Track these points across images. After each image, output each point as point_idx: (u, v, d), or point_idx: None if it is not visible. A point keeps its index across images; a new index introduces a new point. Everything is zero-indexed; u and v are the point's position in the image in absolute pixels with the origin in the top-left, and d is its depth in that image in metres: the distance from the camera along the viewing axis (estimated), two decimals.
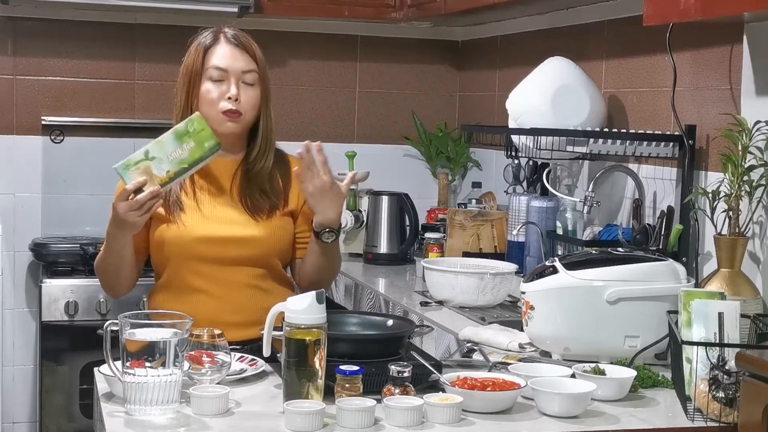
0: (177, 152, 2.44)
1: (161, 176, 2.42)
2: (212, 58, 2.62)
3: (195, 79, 2.62)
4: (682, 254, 2.84)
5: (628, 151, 2.96)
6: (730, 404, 2.02)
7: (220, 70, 2.61)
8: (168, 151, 2.43)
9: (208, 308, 2.57)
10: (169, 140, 2.44)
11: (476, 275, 3.15)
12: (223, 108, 2.60)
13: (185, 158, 2.44)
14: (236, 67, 2.62)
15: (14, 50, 4.29)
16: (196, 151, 2.45)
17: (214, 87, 2.61)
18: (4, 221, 4.20)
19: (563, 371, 2.24)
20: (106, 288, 2.73)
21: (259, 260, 2.64)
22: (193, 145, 2.45)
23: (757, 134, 2.53)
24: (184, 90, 2.62)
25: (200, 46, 2.64)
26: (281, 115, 4.51)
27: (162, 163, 2.42)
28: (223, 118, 2.60)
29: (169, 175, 2.43)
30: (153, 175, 2.41)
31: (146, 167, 2.41)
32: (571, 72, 3.33)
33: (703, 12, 2.34)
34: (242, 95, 2.61)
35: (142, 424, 1.99)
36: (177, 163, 2.43)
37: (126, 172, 2.41)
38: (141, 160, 2.42)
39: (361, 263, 4.12)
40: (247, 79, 2.63)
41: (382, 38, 4.65)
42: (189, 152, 2.44)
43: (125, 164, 2.42)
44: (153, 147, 2.43)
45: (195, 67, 2.62)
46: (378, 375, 2.09)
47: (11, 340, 4.31)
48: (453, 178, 4.58)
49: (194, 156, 2.45)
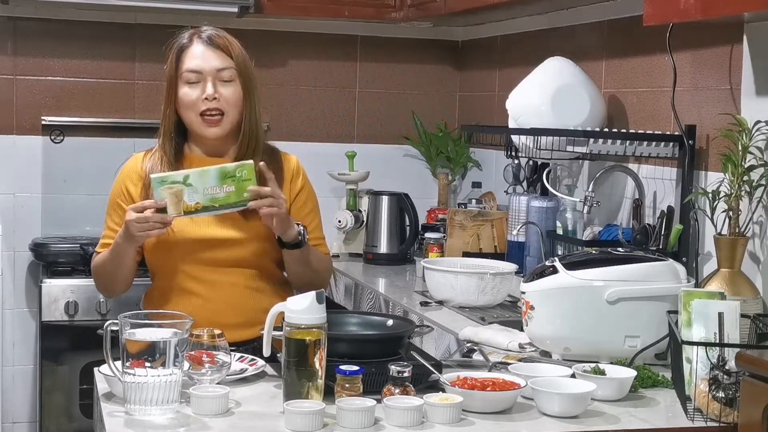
0: (215, 190, 2.43)
1: (189, 204, 2.42)
2: (186, 60, 2.60)
3: (172, 83, 2.60)
4: (682, 254, 2.84)
5: (628, 151, 2.96)
6: (730, 404, 2.02)
7: (194, 73, 2.59)
8: (206, 185, 2.42)
9: (202, 310, 2.55)
10: (213, 175, 2.43)
11: (476, 275, 3.15)
12: (200, 109, 2.58)
13: (219, 198, 2.43)
14: (210, 66, 2.59)
15: (14, 50, 4.29)
16: (232, 197, 2.44)
17: (191, 90, 2.59)
18: (4, 221, 4.20)
19: (563, 371, 2.24)
20: (101, 289, 2.74)
21: (251, 261, 2.63)
22: (233, 190, 2.43)
23: (757, 134, 2.53)
24: (165, 95, 2.62)
25: (174, 51, 2.62)
26: (281, 115, 4.52)
27: (195, 194, 2.42)
28: (203, 123, 2.59)
29: (196, 207, 2.43)
30: (182, 200, 2.41)
31: (179, 190, 2.41)
32: (571, 72, 3.34)
33: (703, 12, 2.34)
34: (221, 93, 2.58)
35: (142, 424, 1.99)
36: (209, 199, 2.43)
37: (159, 186, 2.41)
38: (178, 181, 2.41)
39: (361, 263, 4.12)
40: (223, 76, 2.59)
41: (382, 38, 4.65)
42: (225, 194, 2.43)
43: (162, 179, 2.42)
44: (194, 175, 2.43)
45: (170, 72, 2.61)
46: (378, 375, 2.09)
47: (11, 340, 4.31)
48: (453, 178, 4.58)
49: (228, 200, 2.44)
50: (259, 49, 4.47)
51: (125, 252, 2.56)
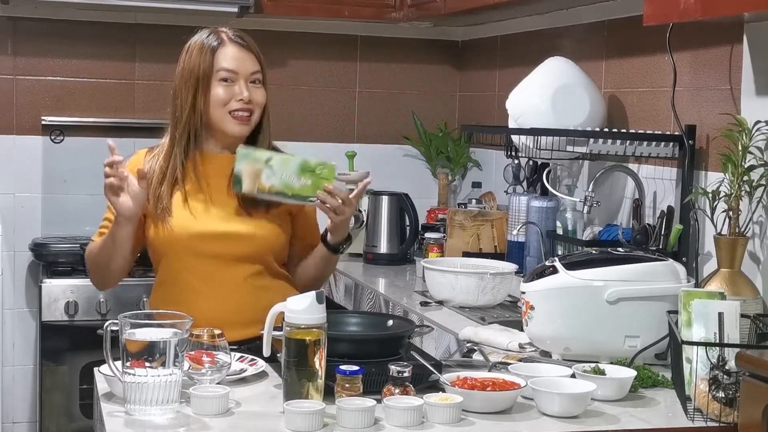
0: (292, 178, 2.49)
1: (264, 185, 2.49)
2: (221, 60, 2.62)
3: (203, 81, 2.62)
4: (682, 254, 2.84)
5: (628, 151, 2.96)
6: (730, 404, 2.02)
7: (230, 72, 2.62)
8: (285, 172, 2.49)
9: (205, 307, 2.57)
10: (295, 165, 2.50)
11: (476, 275, 3.15)
12: (232, 108, 2.61)
13: (293, 187, 2.49)
14: (246, 68, 2.64)
15: (14, 50, 4.29)
16: (306, 190, 2.50)
17: (224, 89, 2.62)
18: (4, 221, 4.20)
19: (563, 371, 2.24)
20: (92, 274, 2.72)
21: (255, 257, 2.64)
22: (309, 184, 2.49)
23: (757, 134, 2.53)
24: (190, 93, 2.61)
25: (206, 48, 2.63)
26: (281, 115, 4.52)
27: (273, 177, 2.49)
28: (233, 121, 2.62)
29: (270, 189, 2.49)
30: (259, 179, 2.48)
31: (258, 169, 2.49)
32: (571, 72, 3.33)
33: (703, 12, 2.34)
34: (252, 95, 2.64)
35: (142, 424, 1.99)
36: (284, 185, 2.49)
37: (243, 160, 2.49)
38: (261, 159, 2.49)
39: (361, 263, 4.12)
40: (254, 79, 2.65)
41: (382, 38, 4.65)
42: (300, 186, 2.49)
43: (247, 153, 2.50)
44: (278, 159, 2.50)
45: (203, 70, 2.61)
46: (378, 375, 2.09)
47: (11, 340, 4.31)
48: (453, 178, 4.58)
49: (302, 192, 2.50)
50: (259, 49, 4.47)
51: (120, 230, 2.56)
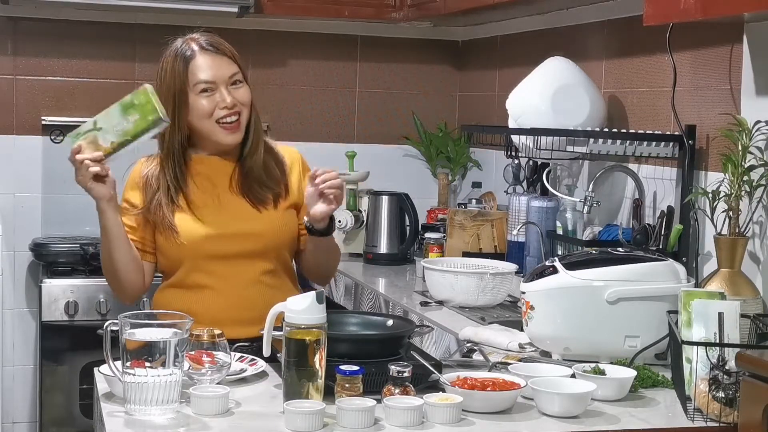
0: (122, 124, 2.47)
1: (106, 147, 2.46)
2: (196, 72, 2.60)
3: (181, 97, 2.60)
4: (682, 254, 2.84)
5: (628, 151, 2.96)
6: (730, 404, 2.02)
7: (208, 83, 2.60)
8: (113, 123, 2.46)
9: (217, 306, 2.59)
10: (116, 112, 2.47)
11: (476, 275, 3.15)
12: (218, 116, 2.60)
13: (129, 130, 2.46)
14: (222, 74, 2.61)
15: (14, 50, 4.29)
16: (140, 124, 2.46)
17: (206, 100, 2.60)
18: (4, 221, 4.20)
19: (563, 371, 2.24)
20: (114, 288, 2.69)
21: (269, 253, 2.66)
22: (137, 118, 2.46)
23: (757, 134, 2.53)
24: (170, 109, 2.57)
25: (179, 63, 2.60)
26: (281, 115, 4.53)
27: (107, 134, 2.47)
28: (223, 131, 2.62)
29: (113, 146, 2.47)
30: (99, 145, 2.46)
31: (93, 137, 2.47)
32: (571, 72, 3.33)
33: (703, 12, 2.34)
34: (235, 97, 2.61)
35: (142, 424, 1.99)
36: (121, 134, 2.46)
37: (75, 141, 2.48)
38: (90, 130, 2.48)
39: (361, 263, 4.12)
40: (234, 80, 2.63)
41: (382, 38, 4.65)
42: (133, 124, 2.46)
43: (76, 133, 2.49)
44: (101, 117, 2.48)
45: (178, 86, 2.60)
46: (378, 375, 2.09)
47: (11, 340, 4.31)
48: (453, 178, 4.58)
49: (137, 128, 2.47)
50: (259, 49, 4.48)
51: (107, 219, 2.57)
